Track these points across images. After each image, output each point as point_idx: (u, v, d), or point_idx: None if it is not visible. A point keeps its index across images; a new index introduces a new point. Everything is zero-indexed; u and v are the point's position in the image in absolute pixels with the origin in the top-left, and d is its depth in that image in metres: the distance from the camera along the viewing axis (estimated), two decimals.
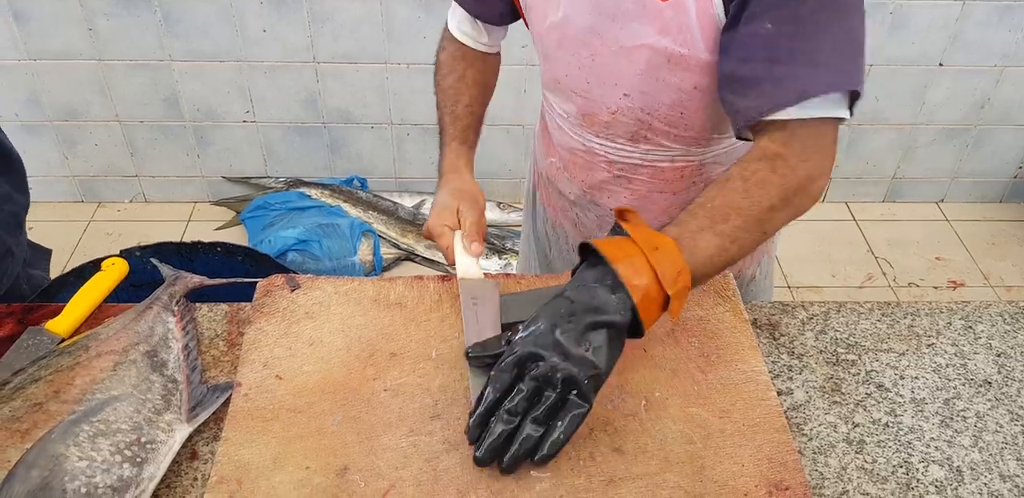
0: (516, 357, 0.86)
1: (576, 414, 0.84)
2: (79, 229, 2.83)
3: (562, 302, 0.88)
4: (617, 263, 0.87)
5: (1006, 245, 2.86)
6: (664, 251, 0.88)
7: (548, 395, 0.84)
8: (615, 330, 0.86)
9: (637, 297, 0.86)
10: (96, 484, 0.83)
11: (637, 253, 0.88)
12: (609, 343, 0.86)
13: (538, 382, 0.84)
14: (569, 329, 0.85)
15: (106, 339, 1.02)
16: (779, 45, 0.92)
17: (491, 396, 0.85)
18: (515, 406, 0.84)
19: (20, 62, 2.58)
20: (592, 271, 0.89)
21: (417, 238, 2.76)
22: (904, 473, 0.94)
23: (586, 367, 0.84)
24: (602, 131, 1.19)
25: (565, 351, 0.84)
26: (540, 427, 0.84)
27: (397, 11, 2.50)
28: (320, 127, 2.78)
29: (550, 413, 0.84)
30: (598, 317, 0.86)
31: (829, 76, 0.93)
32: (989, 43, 2.62)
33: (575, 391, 0.84)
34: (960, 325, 1.14)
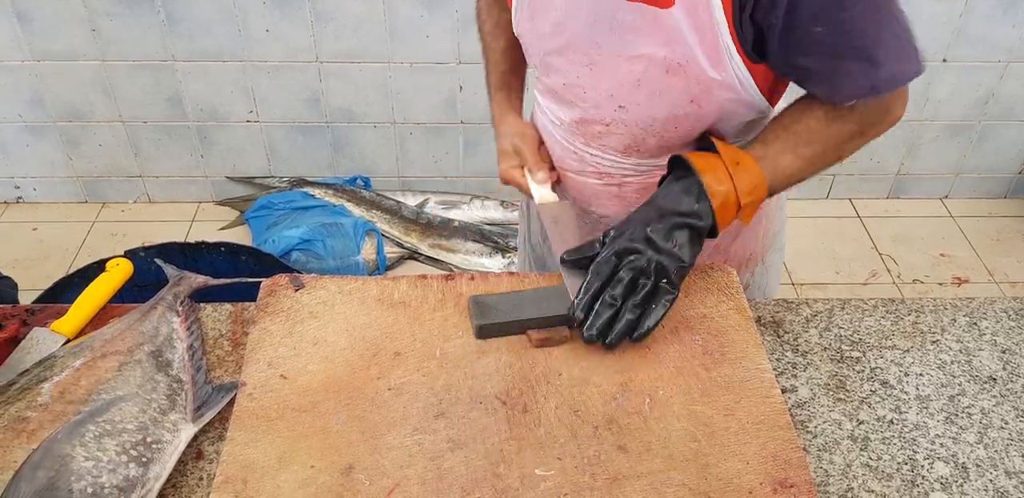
0: (615, 250, 1.00)
1: (668, 298, 0.99)
2: (83, 230, 2.83)
3: (651, 208, 1.02)
4: (704, 173, 1.00)
5: (1011, 241, 2.86)
6: (744, 166, 1.01)
7: (644, 283, 0.98)
8: (697, 230, 1.01)
9: (716, 203, 1.00)
10: (102, 484, 0.83)
11: (721, 166, 1.01)
12: (691, 241, 1.01)
13: (635, 272, 0.99)
14: (659, 229, 1.00)
15: (111, 339, 1.02)
16: (836, 43, 0.96)
17: (595, 283, 0.99)
18: (618, 293, 0.98)
19: (24, 63, 2.59)
20: (679, 183, 1.02)
21: (420, 237, 2.76)
22: (909, 470, 0.94)
23: (675, 259, 0.99)
24: (594, 141, 1.19)
25: (657, 246, 0.99)
26: (638, 309, 0.98)
27: (400, 10, 2.50)
28: (323, 126, 2.78)
29: (647, 298, 0.98)
30: (684, 219, 1.00)
31: (892, 71, 0.98)
32: (993, 38, 2.61)
33: (665, 280, 0.99)
34: (965, 322, 1.14)
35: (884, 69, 0.97)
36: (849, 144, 1.04)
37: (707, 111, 1.07)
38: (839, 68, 0.98)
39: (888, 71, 0.98)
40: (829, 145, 1.04)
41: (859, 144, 1.05)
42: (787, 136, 1.03)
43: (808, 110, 1.04)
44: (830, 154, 1.05)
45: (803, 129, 1.03)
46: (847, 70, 0.98)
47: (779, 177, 1.03)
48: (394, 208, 2.82)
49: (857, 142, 1.05)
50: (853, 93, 1.00)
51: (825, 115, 1.03)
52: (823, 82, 1.01)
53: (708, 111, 1.07)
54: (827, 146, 1.04)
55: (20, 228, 2.84)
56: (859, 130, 1.03)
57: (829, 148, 1.04)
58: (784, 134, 1.04)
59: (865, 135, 1.04)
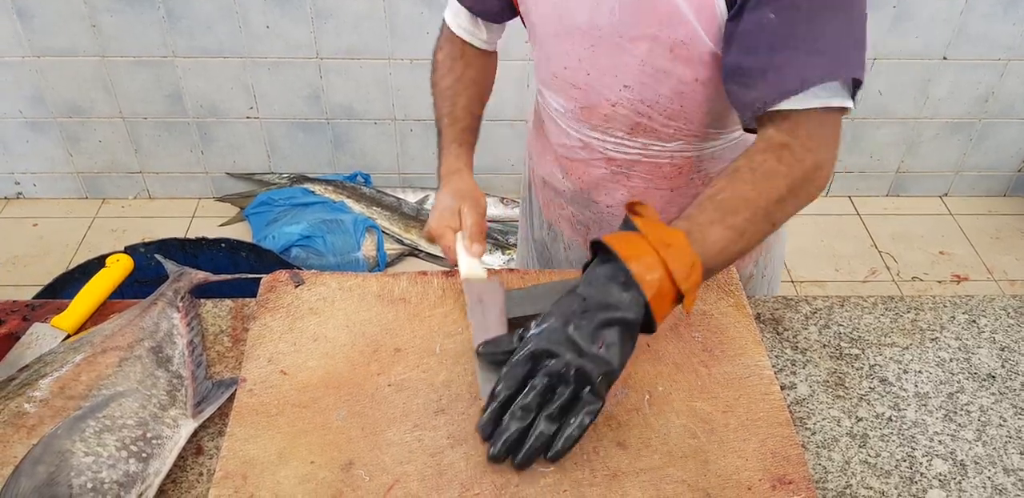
0: (529, 353, 0.86)
1: (589, 410, 0.84)
2: (83, 225, 2.83)
3: (575, 299, 0.88)
4: (630, 261, 0.86)
5: (1010, 239, 2.86)
6: (676, 247, 0.87)
7: (561, 392, 0.84)
8: (628, 327, 0.86)
9: (650, 294, 0.85)
10: (102, 479, 0.83)
11: (649, 250, 0.87)
12: (622, 340, 0.85)
13: (551, 379, 0.84)
14: (583, 326, 0.85)
15: (111, 335, 1.02)
16: (780, 34, 0.93)
17: (504, 392, 0.85)
18: (529, 402, 0.84)
19: (24, 59, 2.59)
20: (604, 268, 0.89)
21: (421, 233, 2.76)
22: (908, 467, 0.94)
23: (600, 364, 0.84)
24: (600, 124, 1.18)
25: (579, 348, 0.84)
26: (553, 423, 0.84)
27: (400, 7, 2.49)
28: (323, 123, 2.78)
29: (564, 410, 0.84)
30: (611, 314, 0.85)
31: (829, 64, 0.93)
32: (993, 36, 2.61)
33: (588, 388, 0.84)
34: (964, 319, 1.14)
35: (819, 59, 0.92)
36: (780, 207, 0.94)
37: (711, 89, 1.07)
38: (772, 63, 0.94)
39: (825, 64, 0.93)
40: (759, 210, 0.93)
41: (791, 208, 0.96)
42: (713, 206, 0.92)
43: (732, 176, 0.95)
44: (761, 221, 0.93)
45: (730, 196, 0.93)
46: (779, 64, 0.93)
47: (710, 253, 0.90)
48: (394, 205, 2.82)
49: (788, 205, 0.95)
50: (781, 88, 0.93)
51: (751, 176, 0.94)
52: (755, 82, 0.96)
53: (712, 89, 1.07)
54: (757, 212, 0.92)
55: (20, 224, 2.85)
56: (788, 189, 0.94)
57: (760, 214, 0.93)
58: (709, 205, 0.93)
59: (795, 195, 0.95)
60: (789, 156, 0.94)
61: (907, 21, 2.57)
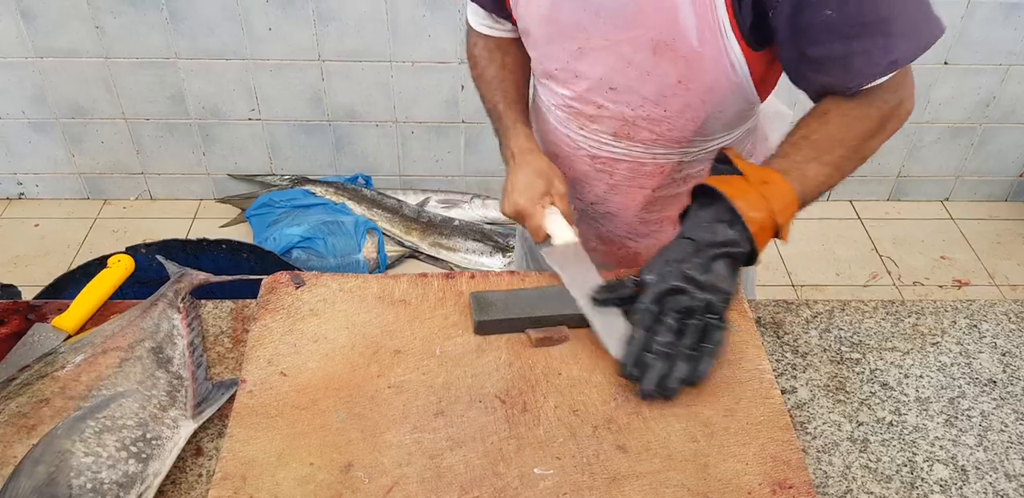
0: (655, 294, 0.95)
1: (719, 335, 0.95)
2: (85, 226, 2.83)
3: (685, 243, 0.97)
4: (735, 199, 0.95)
5: (1011, 244, 2.85)
6: (773, 184, 0.97)
7: (693, 324, 0.94)
8: (735, 259, 0.96)
9: (754, 228, 0.95)
10: (102, 480, 0.83)
11: (750, 189, 0.96)
12: (730, 270, 0.96)
13: (681, 314, 0.94)
14: (697, 263, 0.95)
15: (112, 336, 1.02)
16: (850, 24, 0.95)
17: (640, 335, 0.94)
18: (667, 340, 0.93)
19: (27, 60, 2.59)
20: (707, 211, 0.98)
21: (421, 236, 2.76)
22: (908, 472, 0.94)
23: (719, 293, 0.94)
24: (586, 125, 1.20)
25: (698, 282, 0.94)
26: (692, 352, 0.94)
27: (402, 9, 2.50)
28: (325, 125, 2.78)
29: (698, 338, 0.94)
30: (721, 249, 0.95)
31: (912, 42, 0.97)
32: (994, 41, 2.61)
33: (713, 315, 0.94)
34: (965, 324, 1.14)
35: (901, 40, 0.96)
36: (870, 143, 1.03)
37: (694, 92, 1.08)
38: (852, 50, 0.97)
39: (906, 42, 0.96)
40: (852, 147, 1.02)
41: (879, 142, 1.04)
42: (808, 146, 1.01)
43: (823, 118, 1.02)
44: (854, 157, 1.03)
45: (823, 137, 1.01)
46: (861, 49, 0.96)
47: (808, 188, 1.00)
48: (395, 207, 2.83)
49: (878, 140, 1.04)
50: (873, 72, 0.98)
51: (841, 119, 1.01)
52: (836, 68, 0.99)
53: (695, 93, 1.08)
54: (849, 149, 1.02)
55: (22, 224, 2.85)
56: (878, 126, 1.02)
57: (852, 150, 1.02)
58: (804, 144, 1.01)
59: (884, 131, 1.03)
60: (877, 99, 1.01)
61: None
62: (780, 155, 1.02)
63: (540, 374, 0.99)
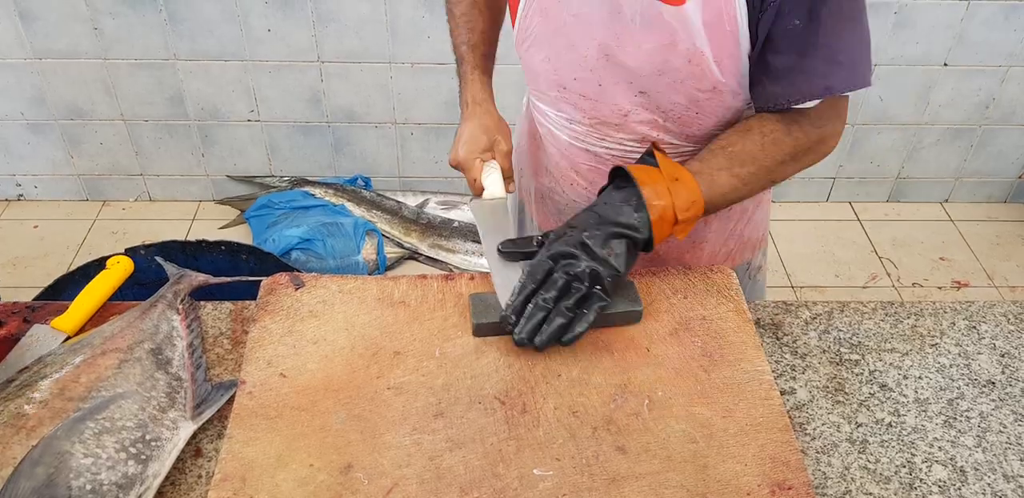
0: (551, 253, 1.01)
1: (600, 304, 1.00)
2: (84, 228, 2.83)
3: (590, 214, 1.03)
4: (644, 186, 1.01)
5: (1011, 245, 2.86)
6: (683, 182, 1.02)
7: (578, 287, 0.99)
8: (633, 241, 1.02)
9: (654, 216, 1.01)
10: (101, 481, 0.83)
11: (661, 180, 1.02)
12: (627, 251, 1.01)
13: (569, 276, 0.99)
14: (596, 235, 1.01)
15: (111, 337, 1.02)
16: (806, 40, 1.00)
17: (529, 285, 1.00)
18: (550, 295, 0.99)
19: (26, 61, 2.59)
20: (620, 192, 1.04)
21: (421, 237, 2.76)
22: (907, 473, 0.94)
23: (609, 268, 1.00)
24: (609, 135, 1.18)
25: (593, 253, 1.00)
26: (570, 313, 0.98)
27: (401, 11, 2.50)
28: (324, 126, 2.78)
29: (579, 302, 0.99)
30: (620, 229, 1.01)
31: (849, 75, 1.02)
32: (994, 43, 2.62)
33: (599, 287, 1.00)
34: (964, 325, 1.14)
35: (840, 71, 1.01)
36: (782, 168, 1.08)
37: (726, 97, 1.09)
38: (801, 66, 1.02)
39: (845, 74, 1.02)
40: (763, 168, 1.06)
41: (792, 170, 1.09)
42: (724, 156, 1.06)
43: (745, 133, 1.07)
44: (763, 176, 1.07)
45: (740, 151, 1.06)
46: (809, 68, 1.01)
47: (715, 194, 1.05)
48: (394, 208, 2.83)
49: (791, 167, 1.09)
50: (807, 92, 1.03)
51: (761, 139, 1.06)
52: (783, 80, 1.03)
53: (727, 96, 1.09)
54: (761, 169, 1.06)
55: (21, 226, 2.84)
56: (792, 153, 1.07)
57: (763, 170, 1.07)
58: (721, 154, 1.06)
59: (797, 161, 1.08)
60: (798, 130, 1.06)
61: (908, 28, 2.58)
62: (697, 159, 1.07)
63: (539, 375, 0.99)
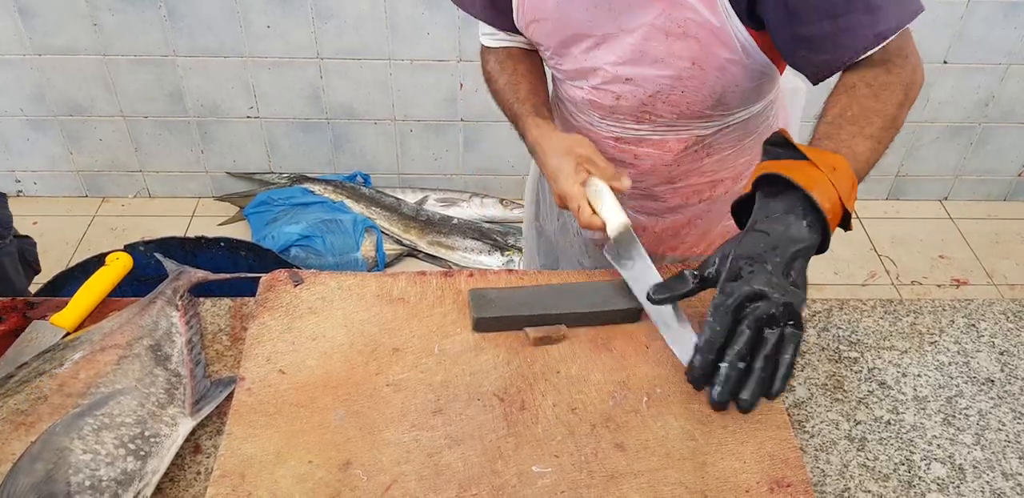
0: (737, 298, 0.87)
1: (795, 342, 0.87)
2: (83, 224, 2.83)
3: (759, 237, 0.90)
4: (811, 189, 0.89)
5: (1010, 243, 2.86)
6: (841, 170, 0.92)
7: (770, 332, 0.86)
8: (808, 254, 0.90)
9: (830, 216, 0.90)
10: (100, 477, 0.83)
11: (822, 176, 0.91)
12: (804, 267, 0.90)
13: (760, 321, 0.86)
14: (777, 263, 0.88)
15: (110, 333, 1.02)
16: (834, 2, 0.98)
17: (717, 341, 0.87)
18: (743, 349, 0.86)
19: (25, 57, 2.58)
20: (778, 201, 0.92)
21: (420, 234, 2.76)
22: (906, 471, 0.94)
23: (798, 297, 0.87)
24: (608, 115, 1.22)
25: (781, 286, 0.87)
26: (769, 363, 0.86)
27: (400, 7, 2.49)
28: (324, 123, 2.78)
29: (775, 348, 0.87)
30: (798, 246, 0.89)
31: (895, 14, 0.99)
32: (994, 41, 2.62)
33: (792, 321, 0.87)
34: (963, 323, 1.14)
35: (884, 15, 0.98)
36: (901, 111, 1.02)
37: (708, 72, 1.10)
38: (839, 27, 0.99)
39: (888, 16, 0.98)
40: (888, 116, 1.00)
41: (907, 110, 1.04)
42: (847, 122, 0.99)
43: (851, 92, 1.01)
44: (891, 126, 1.01)
45: (859, 111, 1.00)
46: (848, 26, 0.99)
47: (861, 166, 0.96)
48: (394, 205, 2.82)
49: (906, 107, 1.03)
50: (860, 47, 1.00)
51: (871, 90, 1.01)
52: (827, 46, 1.01)
53: (709, 72, 1.10)
54: (886, 118, 1.00)
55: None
56: (903, 93, 1.02)
57: (888, 120, 1.00)
58: (843, 121, 0.99)
59: (909, 98, 1.03)
60: (895, 67, 1.02)
61: None
62: (824, 136, 0.98)
63: (538, 372, 0.99)
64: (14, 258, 1.66)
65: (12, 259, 1.66)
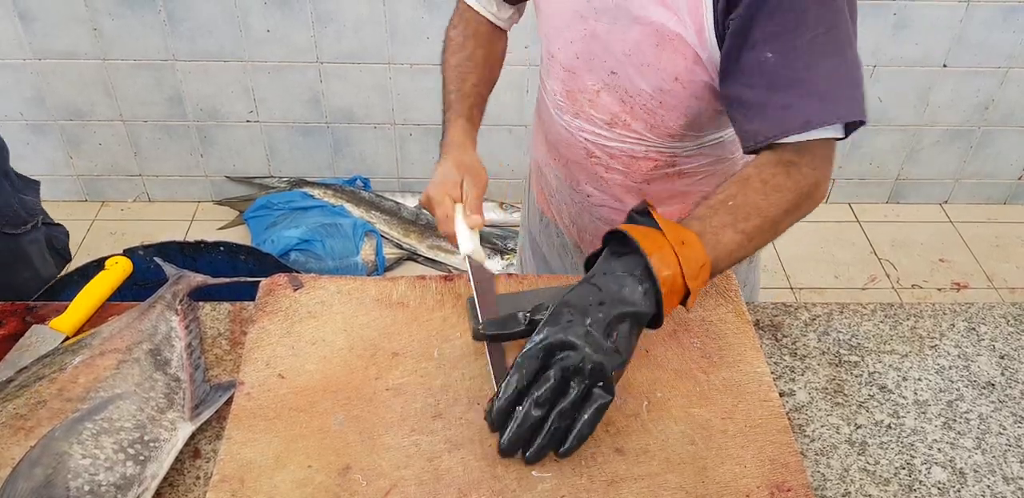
0: (546, 344, 0.85)
1: (601, 405, 0.84)
2: (83, 228, 2.83)
3: (590, 290, 0.88)
4: (651, 254, 0.88)
5: (1010, 247, 2.86)
6: (690, 245, 0.90)
7: (574, 386, 0.84)
8: (639, 320, 0.88)
9: (665, 289, 0.87)
10: (99, 482, 0.83)
11: (666, 246, 0.89)
12: (631, 334, 0.88)
13: (566, 372, 0.84)
14: (599, 319, 0.86)
15: (110, 337, 1.02)
16: (781, 74, 0.96)
17: (518, 384, 0.84)
18: (543, 396, 0.83)
19: (25, 62, 2.59)
20: (620, 261, 0.90)
21: (420, 238, 2.76)
22: (907, 475, 0.94)
23: (614, 358, 0.85)
24: (582, 112, 1.22)
25: (595, 342, 0.84)
26: (566, 419, 0.84)
27: (400, 11, 2.50)
28: (323, 127, 2.78)
29: (577, 404, 0.84)
30: (626, 308, 0.87)
31: (831, 108, 0.96)
32: (993, 44, 2.62)
33: (600, 383, 0.84)
34: (963, 327, 1.14)
35: (823, 105, 0.95)
36: (786, 218, 0.99)
37: (688, 91, 1.09)
38: (775, 101, 0.97)
39: (827, 107, 0.96)
40: (768, 220, 0.97)
41: (793, 219, 1.00)
42: (725, 211, 0.96)
43: (746, 183, 0.98)
44: (769, 229, 0.98)
45: (741, 203, 0.96)
46: (786, 103, 0.96)
47: (721, 255, 0.94)
48: (393, 209, 2.82)
49: (792, 217, 1.00)
50: (784, 128, 0.97)
51: (763, 187, 0.97)
52: (756, 116, 0.99)
53: (688, 91, 1.09)
54: (766, 221, 0.96)
55: None
56: (794, 203, 0.98)
57: (768, 222, 0.97)
58: (722, 209, 0.96)
59: (799, 209, 1.00)
60: (796, 173, 0.98)
61: (907, 29, 2.58)
62: (696, 217, 0.96)
63: None
64: (40, 245, 1.67)
65: (38, 246, 1.66)
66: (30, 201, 1.65)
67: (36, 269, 1.64)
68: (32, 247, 1.63)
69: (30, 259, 1.63)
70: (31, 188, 1.69)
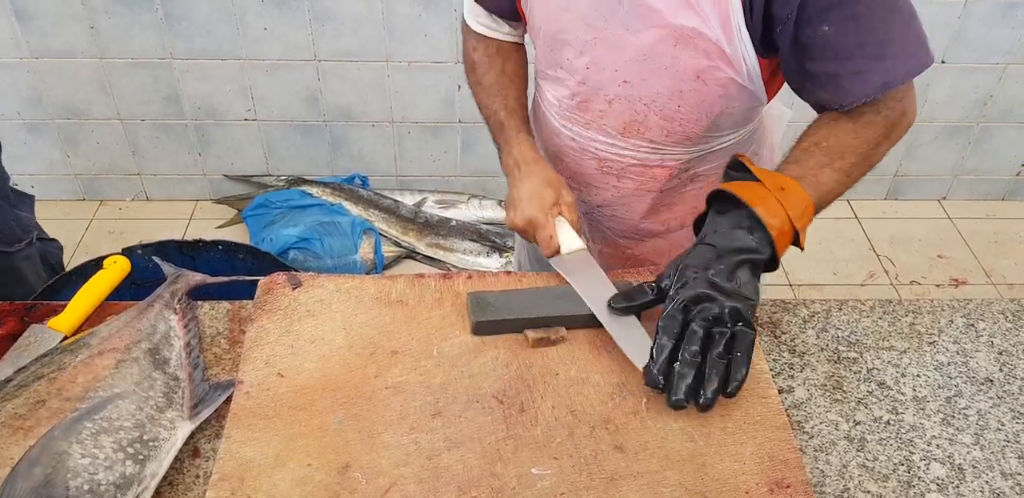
0: (682, 302, 0.92)
1: (750, 341, 0.91)
2: (81, 227, 2.83)
3: (705, 249, 0.96)
4: (755, 205, 0.95)
5: (1009, 243, 2.86)
6: (790, 190, 0.97)
7: (721, 331, 0.91)
8: (756, 265, 0.96)
9: (774, 233, 0.95)
10: (99, 481, 0.83)
11: (769, 195, 0.96)
12: (753, 277, 0.95)
13: (708, 322, 0.91)
14: (721, 270, 0.93)
15: (108, 337, 1.02)
16: (845, 44, 0.98)
17: (669, 343, 0.91)
18: (695, 348, 0.90)
19: (22, 60, 2.58)
20: (726, 217, 0.98)
21: (418, 236, 2.76)
22: (905, 471, 0.94)
23: (745, 300, 0.93)
24: (594, 121, 1.19)
25: (724, 289, 0.92)
26: (723, 362, 0.90)
27: (398, 9, 2.49)
28: (321, 125, 2.78)
29: (728, 346, 0.91)
30: (742, 256, 0.95)
31: (903, 65, 1.00)
32: (992, 40, 2.62)
33: (741, 322, 0.91)
34: (962, 323, 1.14)
35: (894, 63, 0.99)
36: (878, 150, 1.06)
37: (711, 89, 1.08)
38: (845, 70, 0.99)
39: (898, 65, 0.99)
40: (861, 154, 1.04)
41: (885, 149, 1.07)
42: (820, 152, 1.03)
43: (834, 124, 1.05)
44: (863, 163, 1.05)
45: (834, 143, 1.03)
46: (854, 70, 0.99)
47: (822, 194, 1.02)
48: (392, 207, 2.82)
49: (884, 147, 1.06)
50: (863, 93, 1.01)
51: (853, 125, 1.04)
52: (830, 86, 1.02)
53: (712, 89, 1.08)
54: (860, 155, 1.04)
55: None
56: (885, 133, 1.05)
57: (862, 157, 1.04)
58: (816, 150, 1.03)
59: (890, 139, 1.06)
60: (884, 107, 1.04)
61: None
62: (792, 161, 1.03)
63: (537, 374, 0.99)
64: (34, 261, 1.67)
65: (31, 262, 1.66)
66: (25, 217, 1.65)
67: (30, 285, 1.64)
68: (25, 263, 1.63)
69: (24, 276, 1.63)
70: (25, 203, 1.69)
